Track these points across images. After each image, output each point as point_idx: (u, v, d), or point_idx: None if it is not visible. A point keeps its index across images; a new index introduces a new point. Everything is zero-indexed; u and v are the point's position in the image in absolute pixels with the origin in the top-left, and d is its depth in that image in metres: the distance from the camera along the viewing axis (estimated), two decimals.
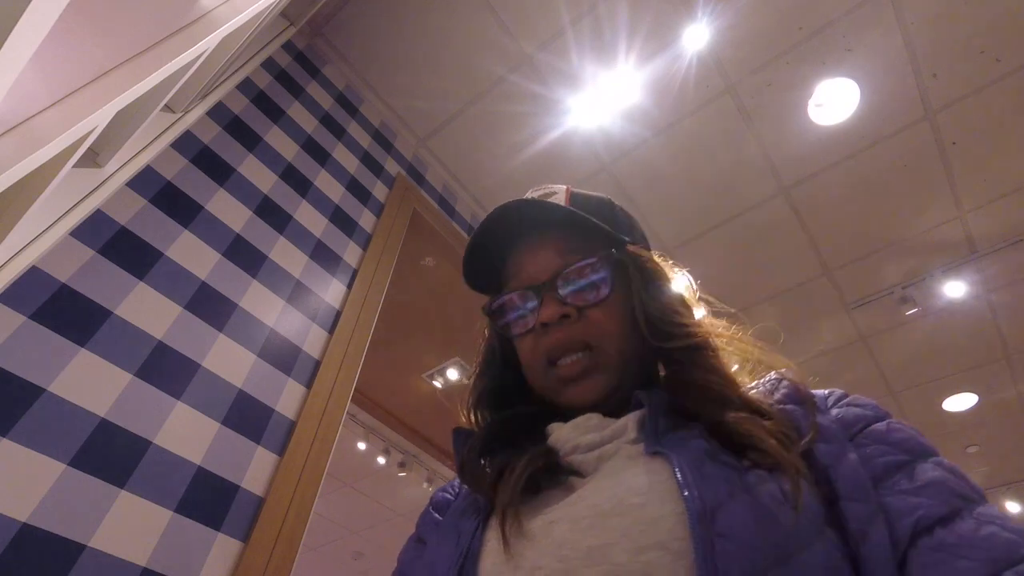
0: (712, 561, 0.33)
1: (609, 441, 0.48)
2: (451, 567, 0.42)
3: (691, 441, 0.43)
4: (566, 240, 0.56)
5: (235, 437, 1.13)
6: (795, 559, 0.34)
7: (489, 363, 0.63)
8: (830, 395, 0.50)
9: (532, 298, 0.55)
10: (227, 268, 1.28)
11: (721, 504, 0.36)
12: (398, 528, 4.65)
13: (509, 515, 0.42)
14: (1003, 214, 2.23)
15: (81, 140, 0.73)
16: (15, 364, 0.87)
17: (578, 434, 0.49)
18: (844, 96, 1.95)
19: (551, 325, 0.53)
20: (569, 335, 0.52)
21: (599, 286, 0.54)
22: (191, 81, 1.14)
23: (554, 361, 0.53)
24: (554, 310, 0.52)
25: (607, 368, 0.52)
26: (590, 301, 0.53)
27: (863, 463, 0.41)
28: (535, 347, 0.55)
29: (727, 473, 0.39)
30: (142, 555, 0.91)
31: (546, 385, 0.55)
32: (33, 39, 0.49)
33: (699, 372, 0.50)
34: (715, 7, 1.77)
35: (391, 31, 1.93)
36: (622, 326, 0.54)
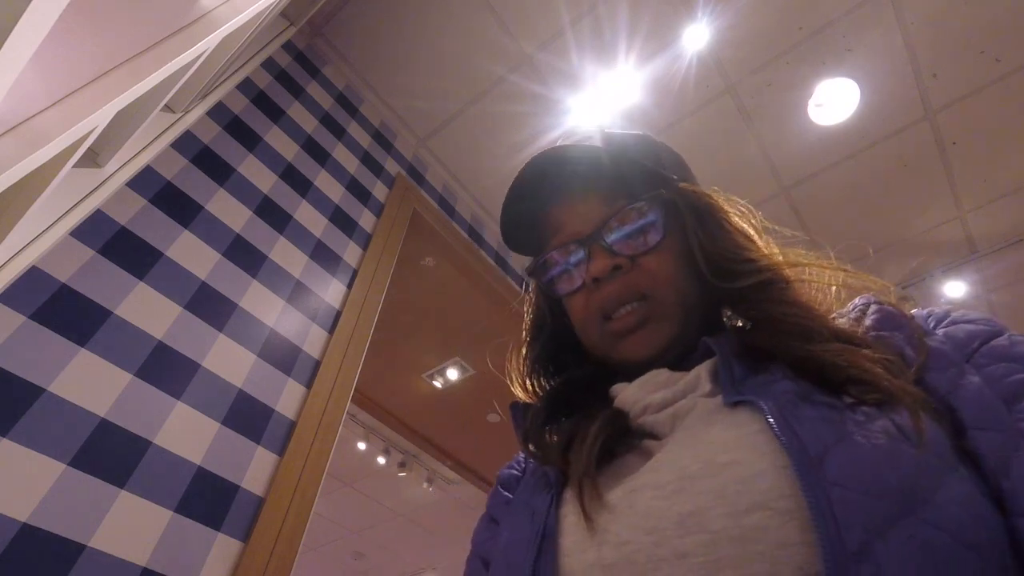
0: (831, 515, 0.29)
1: (682, 396, 0.43)
2: (528, 549, 0.38)
3: (776, 384, 0.38)
4: (608, 185, 0.51)
5: (235, 437, 1.13)
6: (928, 502, 0.29)
7: (539, 327, 0.59)
8: (930, 315, 0.44)
9: (578, 252, 0.51)
10: (227, 268, 1.28)
11: (828, 448, 0.31)
12: (398, 528, 4.65)
13: (587, 486, 0.38)
14: (1003, 214, 2.23)
15: (81, 140, 0.73)
16: (15, 364, 0.87)
17: (646, 392, 0.45)
18: (844, 96, 1.95)
19: (602, 279, 0.48)
20: (624, 287, 0.48)
21: (650, 231, 0.49)
22: (191, 81, 1.14)
23: (609, 316, 0.49)
24: (604, 262, 0.48)
25: (665, 317, 0.47)
26: (642, 248, 0.49)
27: (988, 385, 0.35)
28: (587, 304, 0.50)
29: (828, 413, 0.34)
30: (142, 555, 0.92)
31: (601, 342, 0.50)
32: (33, 39, 0.49)
33: (773, 306, 0.44)
34: (715, 7, 1.77)
35: (391, 31, 1.93)
36: (680, 271, 0.49)
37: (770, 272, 0.46)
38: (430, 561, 5.11)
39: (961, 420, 0.34)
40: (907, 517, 0.28)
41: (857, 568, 0.27)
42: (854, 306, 0.47)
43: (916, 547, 0.28)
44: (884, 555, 0.27)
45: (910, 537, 0.28)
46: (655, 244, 0.49)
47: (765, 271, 0.46)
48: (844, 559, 0.27)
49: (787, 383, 0.37)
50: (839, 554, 0.27)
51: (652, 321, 0.47)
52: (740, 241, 0.49)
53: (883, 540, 0.28)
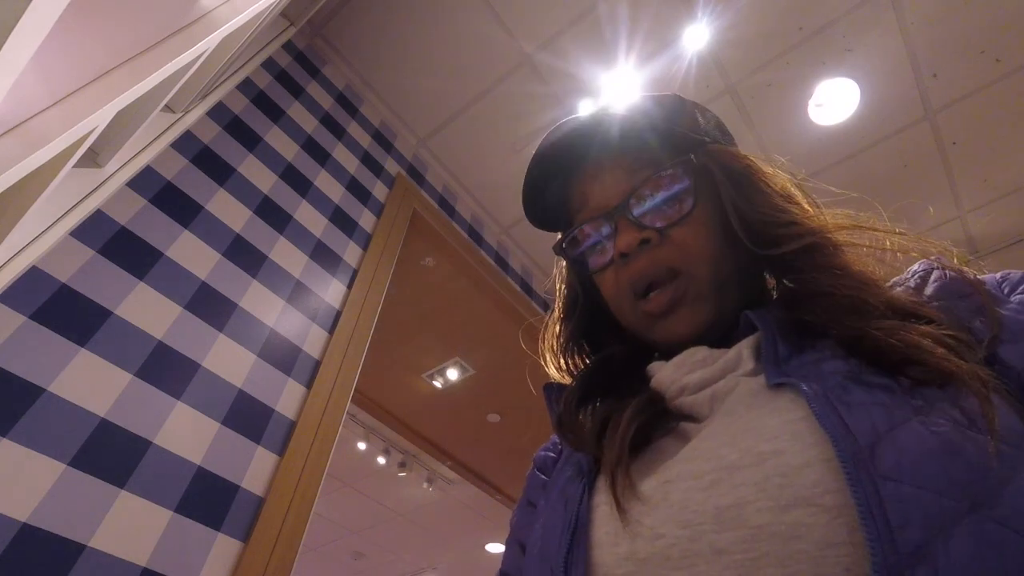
0: (882, 514, 0.26)
1: (721, 376, 0.40)
2: (561, 539, 0.36)
3: (825, 363, 0.35)
4: (636, 154, 0.48)
5: (235, 437, 1.13)
6: (997, 496, 0.26)
7: (572, 304, 0.56)
8: (1004, 280, 0.39)
9: (605, 226, 0.48)
10: (227, 268, 1.28)
11: (880, 437, 0.28)
12: (398, 528, 4.65)
13: (620, 476, 0.36)
14: (1003, 214, 2.23)
15: (81, 140, 0.73)
16: (15, 364, 0.87)
17: (683, 372, 0.42)
18: (844, 96, 1.95)
19: (630, 254, 0.45)
20: (652, 262, 0.45)
21: (681, 199, 0.46)
22: (191, 81, 1.14)
23: (640, 293, 0.46)
24: (632, 236, 0.45)
25: (700, 297, 0.44)
26: (673, 218, 0.45)
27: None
28: (617, 281, 0.47)
29: (882, 397, 0.31)
30: (142, 555, 0.91)
31: (635, 322, 0.48)
32: (33, 39, 0.49)
33: (822, 276, 0.40)
34: (715, 7, 1.77)
35: (391, 31, 1.93)
36: (715, 242, 0.45)
37: (816, 236, 0.42)
38: (430, 561, 5.11)
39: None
40: (972, 514, 0.25)
41: (913, 571, 0.25)
42: (912, 272, 0.42)
43: (982, 547, 0.25)
44: (944, 557, 0.25)
45: (975, 536, 0.25)
46: (686, 214, 0.45)
47: (810, 235, 0.42)
48: (896, 561, 0.25)
49: (837, 362, 0.34)
50: (890, 555, 0.25)
51: (686, 302, 0.44)
52: (780, 203, 0.45)
53: (943, 540, 0.25)
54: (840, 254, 0.42)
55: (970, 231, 2.31)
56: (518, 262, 2.58)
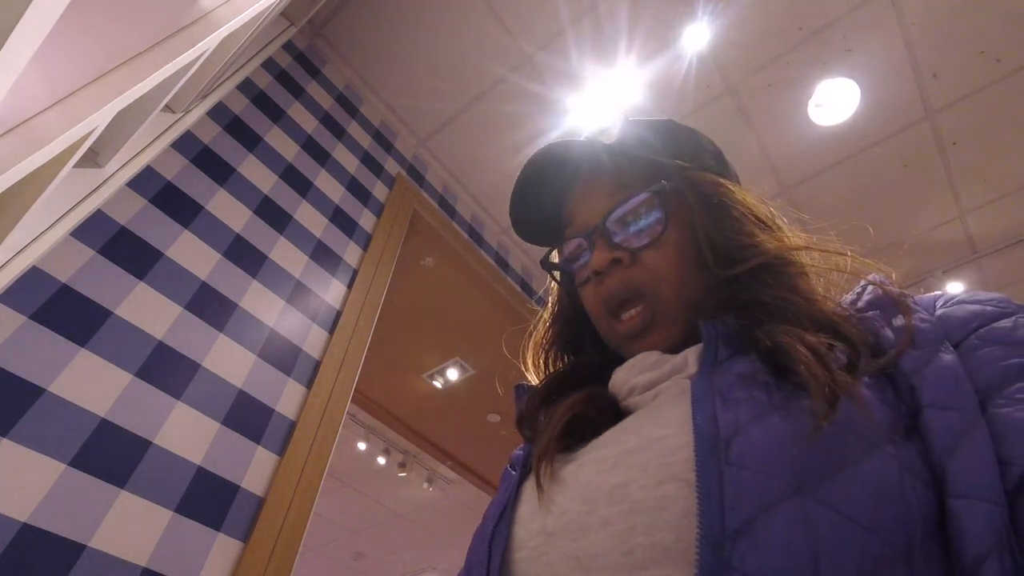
0: (719, 495, 0.29)
1: (668, 378, 0.44)
2: (494, 516, 0.41)
3: (739, 365, 0.38)
4: (616, 177, 0.51)
5: (235, 437, 1.13)
6: (828, 480, 0.29)
7: (557, 312, 0.60)
8: (947, 297, 0.42)
9: (584, 243, 0.51)
10: (227, 268, 1.28)
11: (739, 429, 0.32)
12: (398, 528, 4.65)
13: (544, 461, 0.40)
14: (1003, 214, 2.23)
15: (81, 140, 0.73)
16: (15, 364, 0.87)
17: (633, 374, 0.46)
18: (844, 96, 1.95)
19: (603, 273, 0.48)
20: (621, 282, 0.48)
21: (652, 224, 0.48)
22: (191, 81, 1.14)
23: (614, 313, 0.49)
24: (603, 256, 0.48)
25: (669, 319, 0.47)
26: (643, 241, 0.48)
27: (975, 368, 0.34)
28: (594, 297, 0.51)
29: (758, 394, 0.35)
30: (142, 555, 0.92)
31: (611, 338, 0.51)
32: (33, 39, 0.49)
33: (762, 290, 0.44)
34: (715, 7, 1.77)
35: (391, 31, 1.93)
36: (684, 265, 0.48)
37: (768, 256, 0.45)
38: (430, 561, 5.11)
39: (919, 399, 0.34)
40: (797, 496, 0.28)
41: (734, 545, 0.28)
42: (855, 289, 0.46)
43: (798, 524, 0.27)
44: (764, 531, 0.28)
45: (795, 515, 0.28)
46: (655, 237, 0.48)
47: (763, 255, 0.45)
48: (721, 537, 0.28)
49: (746, 365, 0.38)
50: (716, 531, 0.28)
51: (657, 325, 0.47)
52: (745, 227, 0.48)
53: (766, 518, 0.28)
54: (788, 272, 0.45)
55: (970, 231, 2.31)
56: (518, 262, 2.58)
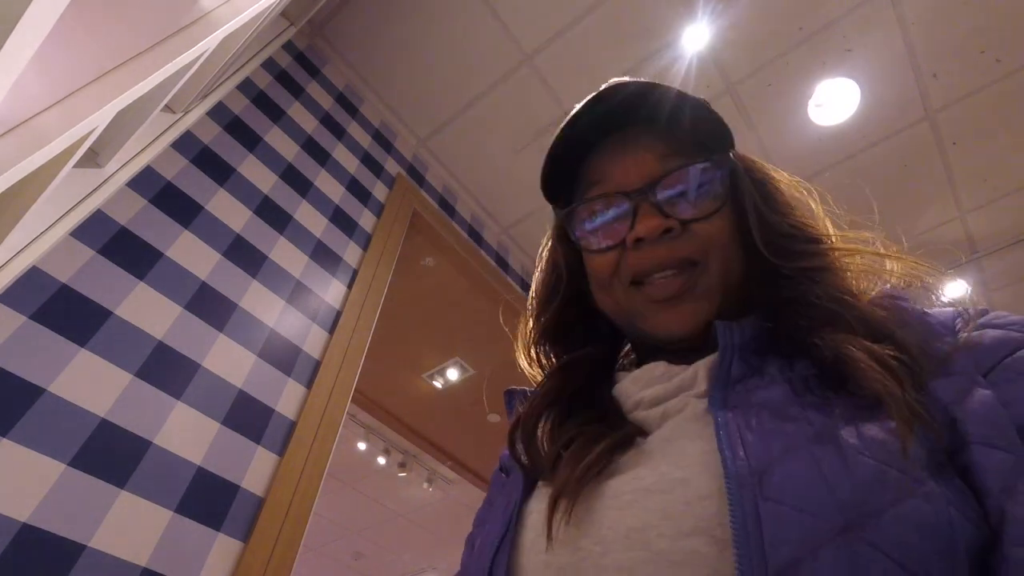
0: (757, 533, 0.27)
1: (675, 394, 0.41)
2: (494, 540, 0.39)
3: (760, 391, 0.36)
4: (666, 140, 0.46)
5: (235, 437, 1.13)
6: (874, 519, 0.26)
7: (553, 289, 0.54)
8: (960, 316, 0.39)
9: (624, 206, 0.45)
10: (227, 268, 1.28)
11: (774, 462, 0.30)
12: (398, 528, 4.65)
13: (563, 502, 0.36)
14: (1003, 214, 2.23)
15: (81, 140, 0.73)
16: (15, 364, 0.87)
17: (640, 387, 0.43)
18: (844, 96, 1.95)
19: (647, 241, 0.43)
20: (671, 253, 0.43)
21: (710, 195, 0.44)
22: (191, 81, 1.14)
23: (640, 281, 0.45)
24: (655, 223, 0.43)
25: (707, 292, 0.43)
26: (700, 213, 0.44)
27: (1009, 402, 0.31)
28: (618, 265, 0.46)
29: (789, 429, 0.32)
30: (142, 555, 0.91)
31: (629, 308, 0.46)
32: (33, 39, 0.49)
33: (815, 288, 0.41)
34: (715, 7, 1.77)
35: (391, 31, 1.93)
36: (732, 242, 0.45)
37: (831, 256, 0.43)
38: (430, 561, 5.11)
39: (964, 434, 0.31)
40: (844, 535, 0.26)
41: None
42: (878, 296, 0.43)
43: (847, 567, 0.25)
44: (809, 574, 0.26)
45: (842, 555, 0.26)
46: (715, 210, 0.44)
47: (826, 255, 0.43)
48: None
49: (776, 389, 0.36)
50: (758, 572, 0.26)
51: (693, 295, 0.43)
52: (802, 218, 0.46)
53: (812, 559, 0.26)
54: (842, 273, 0.43)
55: (970, 231, 2.31)
56: (518, 262, 2.58)
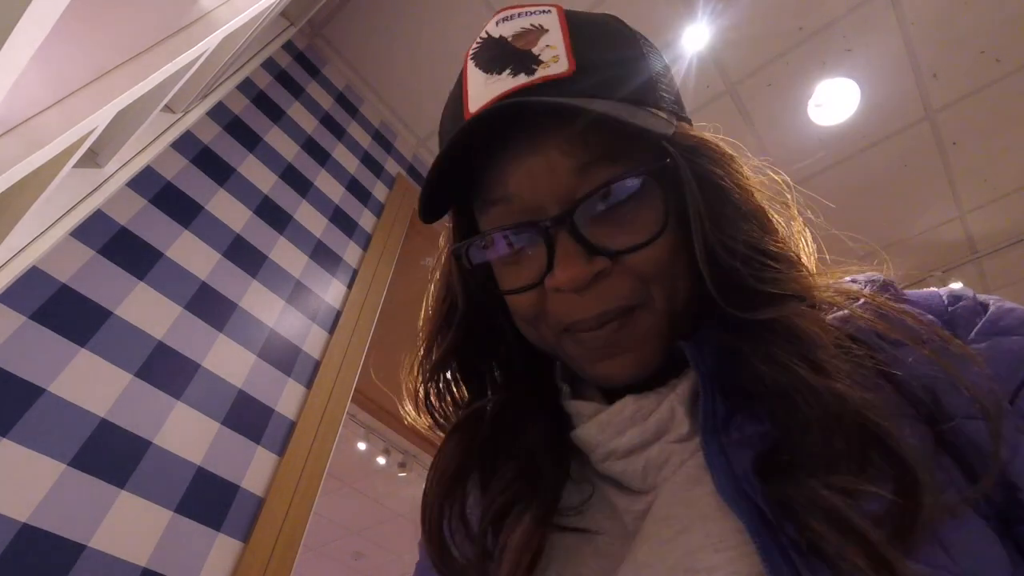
0: None
1: (654, 439, 0.34)
2: None
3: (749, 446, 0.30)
4: (580, 138, 0.33)
5: (235, 437, 1.13)
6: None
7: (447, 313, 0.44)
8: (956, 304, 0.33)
9: (536, 239, 0.35)
10: (227, 268, 1.28)
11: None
12: (398, 528, 4.65)
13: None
14: (1003, 214, 2.23)
15: (81, 140, 0.73)
16: (15, 364, 0.87)
17: (608, 436, 0.36)
18: (844, 96, 1.95)
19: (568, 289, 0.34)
20: (600, 303, 0.34)
21: (647, 216, 0.34)
22: (191, 81, 1.14)
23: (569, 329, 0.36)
24: (580, 269, 0.32)
25: (652, 335, 0.35)
26: (636, 241, 0.33)
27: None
28: (540, 308, 0.36)
29: None
30: (142, 555, 0.91)
31: (561, 351, 0.38)
32: (33, 39, 0.49)
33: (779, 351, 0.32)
34: (715, 7, 1.77)
35: (391, 31, 1.93)
36: (674, 265, 0.35)
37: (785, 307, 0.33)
38: None
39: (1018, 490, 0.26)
40: None
41: None
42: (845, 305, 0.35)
43: None
44: None
45: None
46: (655, 235, 0.33)
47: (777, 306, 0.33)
48: None
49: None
50: None
51: (637, 343, 0.35)
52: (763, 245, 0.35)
53: None
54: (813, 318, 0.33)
55: (970, 231, 2.31)
56: None
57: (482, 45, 0.37)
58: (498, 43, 0.36)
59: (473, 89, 0.36)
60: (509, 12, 0.38)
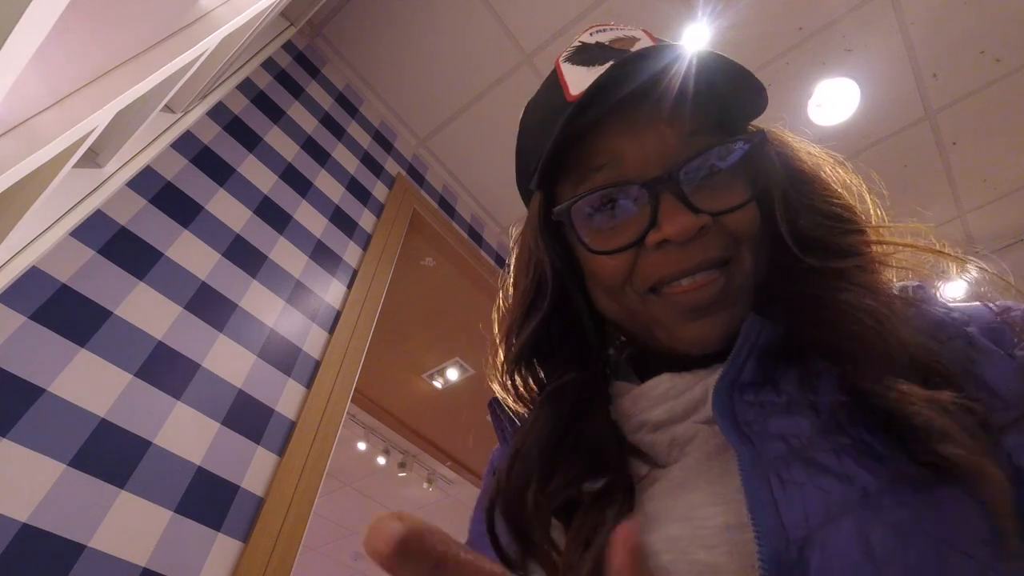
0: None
1: (683, 418, 0.36)
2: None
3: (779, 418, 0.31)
4: (696, 115, 0.38)
5: (235, 437, 1.13)
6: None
7: (534, 297, 0.43)
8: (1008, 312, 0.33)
9: (642, 199, 0.37)
10: (227, 268, 1.28)
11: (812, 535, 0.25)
12: None
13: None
14: (1003, 214, 2.23)
15: (81, 140, 0.73)
16: (15, 364, 0.87)
17: (642, 407, 0.38)
18: (844, 96, 1.95)
19: (674, 242, 0.36)
20: (704, 254, 0.36)
21: (744, 180, 0.38)
22: (191, 81, 1.14)
23: (658, 287, 0.38)
24: (688, 222, 0.35)
25: (741, 291, 0.38)
26: (733, 203, 0.36)
27: None
28: (633, 269, 0.38)
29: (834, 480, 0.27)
30: (142, 555, 0.91)
31: (646, 317, 0.39)
32: (33, 39, 0.49)
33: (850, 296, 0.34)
34: (715, 7, 1.77)
35: (391, 31, 1.93)
36: (762, 235, 0.38)
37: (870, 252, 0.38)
38: None
39: None
40: None
41: None
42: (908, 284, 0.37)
43: None
44: None
45: None
46: (749, 199, 0.37)
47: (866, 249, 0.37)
48: None
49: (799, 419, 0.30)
50: None
51: (728, 300, 0.37)
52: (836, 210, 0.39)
53: None
54: (880, 271, 0.38)
55: (970, 231, 2.31)
56: None
57: (577, 49, 0.42)
58: (595, 46, 0.41)
59: (573, 79, 0.39)
60: (601, 26, 0.44)
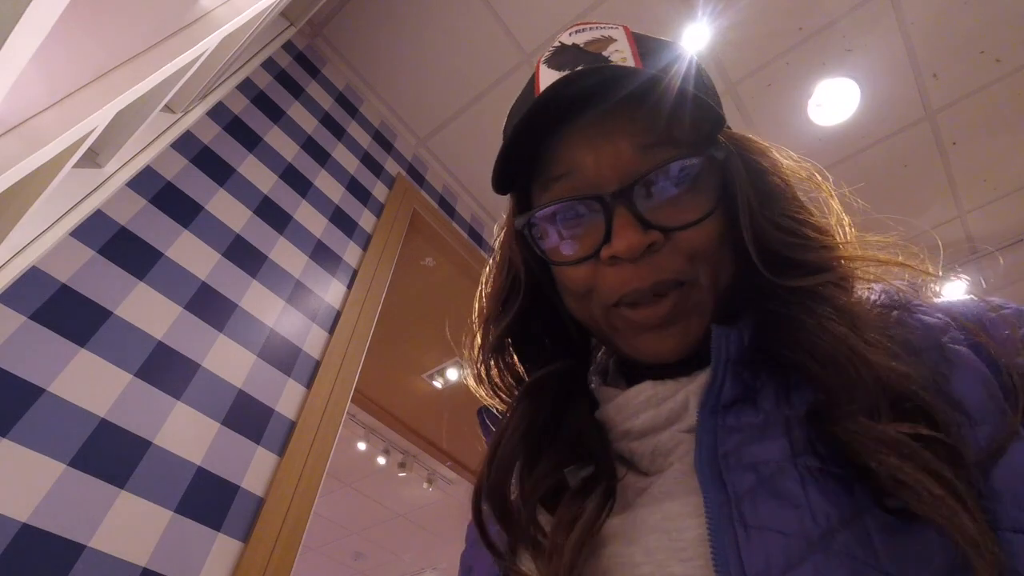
0: None
1: (665, 427, 0.36)
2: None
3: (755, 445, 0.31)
4: (644, 122, 0.37)
5: (235, 437, 1.13)
6: None
7: (508, 292, 0.45)
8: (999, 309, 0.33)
9: (596, 212, 0.37)
10: (227, 268, 1.28)
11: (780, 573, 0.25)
12: (398, 528, 4.65)
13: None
14: (1003, 214, 2.23)
15: (81, 140, 0.73)
16: (15, 364, 0.87)
17: (626, 415, 0.38)
18: (844, 96, 1.95)
19: (623, 258, 0.36)
20: (652, 274, 0.36)
21: (702, 196, 0.37)
22: (191, 81, 1.14)
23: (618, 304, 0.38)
24: (636, 237, 0.35)
25: (698, 311, 0.37)
26: (688, 220, 0.36)
27: None
28: (592, 282, 0.38)
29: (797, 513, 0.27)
30: (142, 555, 0.91)
31: (607, 326, 0.40)
32: (33, 39, 0.49)
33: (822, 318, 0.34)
34: (715, 7, 1.77)
35: (391, 31, 1.93)
36: (721, 248, 0.37)
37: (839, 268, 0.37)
38: (430, 561, 5.10)
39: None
40: None
41: None
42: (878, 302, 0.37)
43: None
44: None
45: None
46: (705, 215, 0.36)
47: (822, 271, 0.36)
48: None
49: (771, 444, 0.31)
50: None
51: (684, 317, 0.37)
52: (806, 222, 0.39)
53: None
54: (853, 290, 0.37)
55: (970, 231, 2.31)
56: None
57: (555, 51, 0.42)
58: (571, 49, 0.41)
59: (546, 82, 0.39)
60: (582, 25, 0.43)
